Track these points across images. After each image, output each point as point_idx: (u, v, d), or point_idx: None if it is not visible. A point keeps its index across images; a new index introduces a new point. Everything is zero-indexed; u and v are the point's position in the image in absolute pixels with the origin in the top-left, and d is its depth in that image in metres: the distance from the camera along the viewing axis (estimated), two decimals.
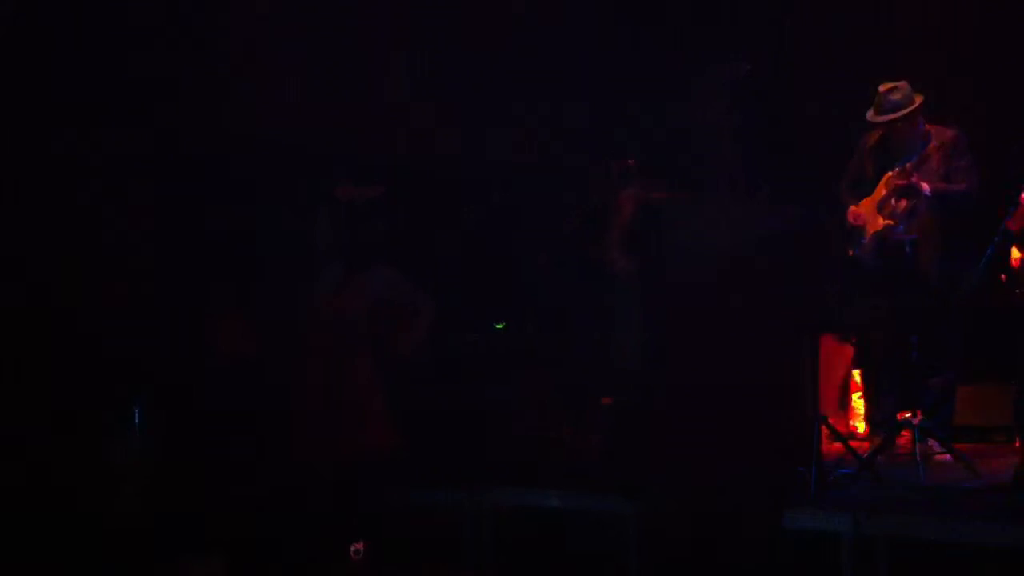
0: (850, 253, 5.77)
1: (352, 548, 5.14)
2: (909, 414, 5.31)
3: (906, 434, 5.41)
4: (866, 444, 5.76)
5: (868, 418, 6.12)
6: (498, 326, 6.01)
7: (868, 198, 5.73)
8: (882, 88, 5.60)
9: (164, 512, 5.42)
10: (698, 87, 6.70)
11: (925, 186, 5.49)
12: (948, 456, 5.38)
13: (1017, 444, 5.45)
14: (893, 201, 5.57)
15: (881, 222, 5.61)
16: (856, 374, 6.24)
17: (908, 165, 5.49)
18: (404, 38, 6.94)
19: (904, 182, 5.47)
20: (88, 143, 6.06)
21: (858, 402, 6.35)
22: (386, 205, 5.59)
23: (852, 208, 5.77)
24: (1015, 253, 5.94)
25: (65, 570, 5.17)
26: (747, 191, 6.19)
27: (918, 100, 5.54)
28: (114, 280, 5.98)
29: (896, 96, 5.55)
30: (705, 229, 5.97)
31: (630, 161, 6.00)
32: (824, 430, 5.28)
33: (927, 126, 5.62)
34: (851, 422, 6.41)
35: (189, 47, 6.38)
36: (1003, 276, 5.55)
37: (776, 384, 5.37)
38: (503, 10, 6.98)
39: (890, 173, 5.61)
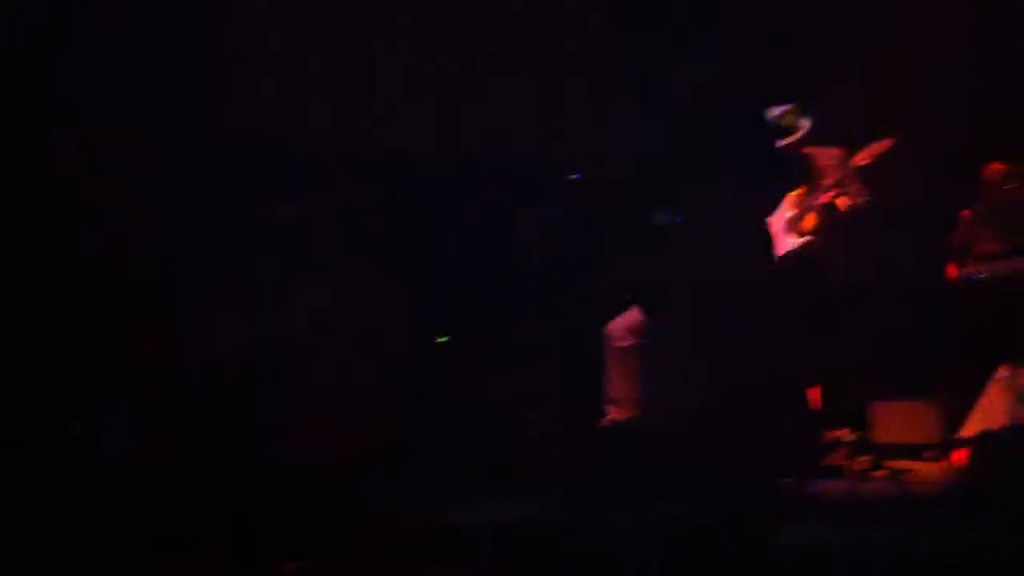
0: None
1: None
2: (845, 430, 5.44)
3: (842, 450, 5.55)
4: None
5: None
6: (441, 339, 6.04)
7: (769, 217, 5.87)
8: (772, 113, 5.77)
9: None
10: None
11: (842, 202, 5.65)
12: (881, 471, 5.51)
13: (944, 462, 5.62)
14: (804, 219, 5.72)
15: (798, 239, 5.78)
16: None
17: (825, 182, 5.62)
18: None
19: (827, 199, 5.58)
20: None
21: None
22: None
23: None
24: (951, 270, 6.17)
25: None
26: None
27: (807, 124, 5.73)
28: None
29: (788, 120, 5.73)
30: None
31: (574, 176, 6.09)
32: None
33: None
34: None
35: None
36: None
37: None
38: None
39: (796, 192, 5.76)
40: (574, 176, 6.38)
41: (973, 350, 6.07)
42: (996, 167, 6.36)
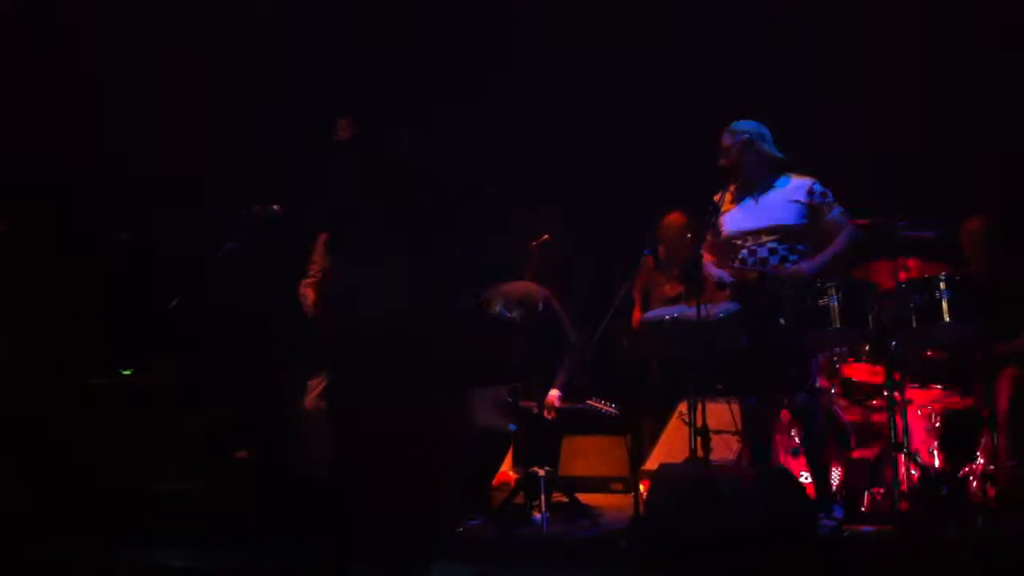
0: None
1: None
2: (536, 467, 5.47)
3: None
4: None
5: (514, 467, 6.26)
6: (125, 372, 5.87)
7: None
8: None
9: None
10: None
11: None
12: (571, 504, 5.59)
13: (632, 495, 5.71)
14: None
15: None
16: None
17: None
18: None
19: None
20: None
21: None
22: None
23: None
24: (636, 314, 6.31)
25: None
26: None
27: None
28: None
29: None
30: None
31: (275, 207, 5.98)
32: None
33: None
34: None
35: None
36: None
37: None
38: None
39: None
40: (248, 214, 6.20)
41: (659, 387, 6.20)
42: (673, 218, 6.53)
